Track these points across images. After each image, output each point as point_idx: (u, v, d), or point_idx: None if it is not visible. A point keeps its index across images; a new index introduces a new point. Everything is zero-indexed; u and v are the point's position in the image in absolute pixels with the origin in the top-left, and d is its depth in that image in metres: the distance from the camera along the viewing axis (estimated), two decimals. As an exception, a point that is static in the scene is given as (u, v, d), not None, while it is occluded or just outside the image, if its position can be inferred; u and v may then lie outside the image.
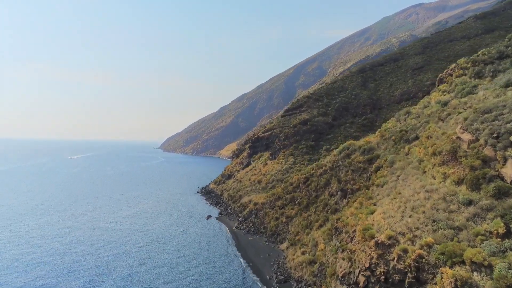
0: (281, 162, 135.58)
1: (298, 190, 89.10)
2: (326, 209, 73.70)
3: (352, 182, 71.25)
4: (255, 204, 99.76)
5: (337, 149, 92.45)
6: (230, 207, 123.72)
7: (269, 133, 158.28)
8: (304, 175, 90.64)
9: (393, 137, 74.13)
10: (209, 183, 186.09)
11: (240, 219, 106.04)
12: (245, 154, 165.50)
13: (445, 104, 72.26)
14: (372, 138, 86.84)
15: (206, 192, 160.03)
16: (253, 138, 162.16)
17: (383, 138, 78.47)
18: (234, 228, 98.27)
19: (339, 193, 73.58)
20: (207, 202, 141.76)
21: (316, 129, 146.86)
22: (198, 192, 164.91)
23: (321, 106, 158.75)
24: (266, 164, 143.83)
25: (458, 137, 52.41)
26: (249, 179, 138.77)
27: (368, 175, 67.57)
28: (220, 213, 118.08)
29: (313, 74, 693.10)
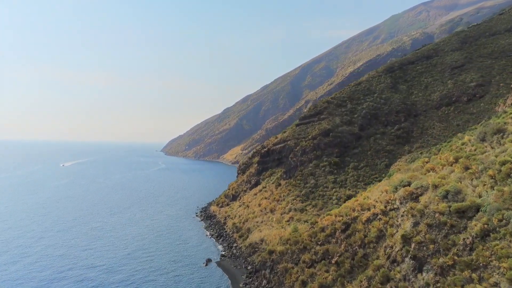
0: (299, 184, 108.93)
1: (334, 240, 62.38)
2: (388, 286, 46.96)
3: (431, 246, 44.51)
4: (270, 252, 73.08)
5: (388, 182, 65.77)
6: (235, 244, 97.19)
7: (281, 145, 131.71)
8: (341, 218, 63.99)
9: (490, 172, 47.43)
10: (210, 202, 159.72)
11: (249, 268, 79.60)
12: (252, 170, 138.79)
13: None
14: (440, 166, 60.16)
15: (206, 217, 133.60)
16: (263, 151, 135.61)
17: (468, 170, 51.68)
18: (241, 285, 71.76)
19: (407, 260, 46.87)
20: (207, 232, 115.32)
21: (341, 142, 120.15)
22: (197, 215, 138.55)
23: (345, 112, 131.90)
24: (280, 185, 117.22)
25: None
26: (259, 205, 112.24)
27: (468, 242, 40.75)
28: (222, 255, 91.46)
29: (320, 74, 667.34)
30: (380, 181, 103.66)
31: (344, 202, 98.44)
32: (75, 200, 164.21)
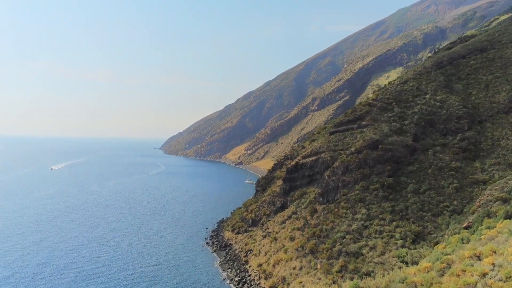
0: (346, 214, 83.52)
1: None
2: None
3: None
4: None
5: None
6: (266, 300, 71.80)
7: (313, 158, 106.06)
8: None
9: None
10: (222, 223, 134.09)
11: None
12: (276, 188, 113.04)
13: None
14: None
15: (220, 246, 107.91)
16: (290, 165, 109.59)
17: None
18: None
19: None
20: (223, 272, 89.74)
21: (392, 156, 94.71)
22: (207, 243, 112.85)
23: (392, 118, 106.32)
24: (315, 211, 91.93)
25: None
26: (291, 238, 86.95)
27: None
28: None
29: (325, 70, 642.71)
30: (455, 212, 78.81)
31: (413, 242, 73.68)
32: (59, 220, 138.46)
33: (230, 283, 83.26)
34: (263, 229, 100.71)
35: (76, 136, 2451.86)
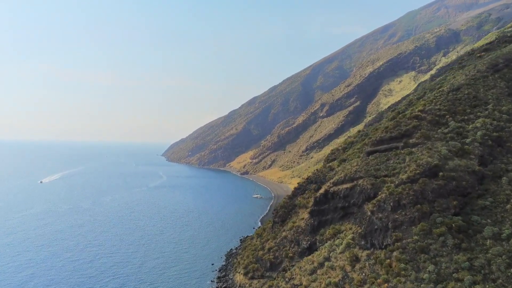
0: (405, 270, 61.10)
1: None
2: None
3: None
4: None
5: None
6: None
7: (347, 185, 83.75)
8: None
9: None
10: (231, 259, 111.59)
11: None
12: (301, 222, 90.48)
13: None
14: None
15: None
16: (319, 195, 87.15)
17: None
18: None
19: None
20: None
21: (457, 186, 72.19)
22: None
23: (449, 135, 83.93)
24: (357, 259, 69.73)
25: None
26: (327, 299, 64.56)
27: None
28: None
29: (332, 75, 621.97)
30: None
31: (512, 322, 51.19)
32: (40, 250, 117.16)
33: None
34: (286, 278, 78.38)
35: (77, 140, 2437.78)
